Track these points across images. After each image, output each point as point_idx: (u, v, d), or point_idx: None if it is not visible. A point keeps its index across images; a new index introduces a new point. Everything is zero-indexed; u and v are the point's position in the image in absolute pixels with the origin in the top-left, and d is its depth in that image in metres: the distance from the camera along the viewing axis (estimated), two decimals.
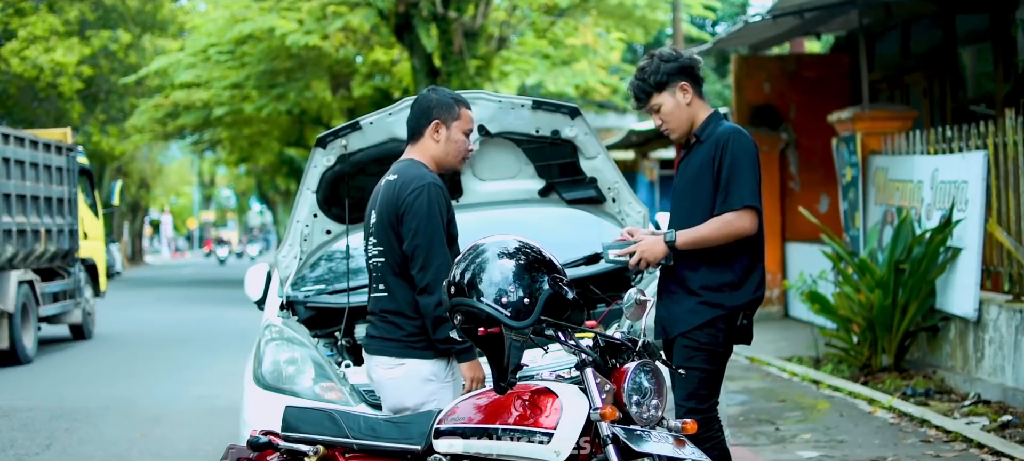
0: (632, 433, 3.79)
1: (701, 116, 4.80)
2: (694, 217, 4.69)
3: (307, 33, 21.75)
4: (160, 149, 49.85)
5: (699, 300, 4.63)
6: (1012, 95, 11.43)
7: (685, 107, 4.77)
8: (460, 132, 4.70)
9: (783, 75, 15.41)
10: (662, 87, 4.76)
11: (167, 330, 18.21)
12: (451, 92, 4.79)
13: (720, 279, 4.64)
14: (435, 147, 4.68)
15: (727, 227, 4.61)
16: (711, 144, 4.71)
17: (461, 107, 4.71)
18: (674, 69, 4.75)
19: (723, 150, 4.66)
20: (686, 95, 4.77)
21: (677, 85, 4.75)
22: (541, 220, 6.36)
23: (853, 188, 11.59)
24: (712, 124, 4.78)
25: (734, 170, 4.64)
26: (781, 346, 12.51)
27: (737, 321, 4.67)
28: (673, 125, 4.80)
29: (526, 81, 24.78)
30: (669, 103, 4.77)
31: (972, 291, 9.11)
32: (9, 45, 28.58)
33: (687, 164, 4.81)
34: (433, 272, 4.44)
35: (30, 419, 9.80)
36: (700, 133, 4.78)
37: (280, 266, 6.24)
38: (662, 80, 4.75)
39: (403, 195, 4.53)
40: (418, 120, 4.70)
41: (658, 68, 4.75)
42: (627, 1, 22.39)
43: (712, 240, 4.62)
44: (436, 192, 4.54)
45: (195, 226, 78.87)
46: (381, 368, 4.62)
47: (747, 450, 7.59)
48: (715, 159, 4.67)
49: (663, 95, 4.77)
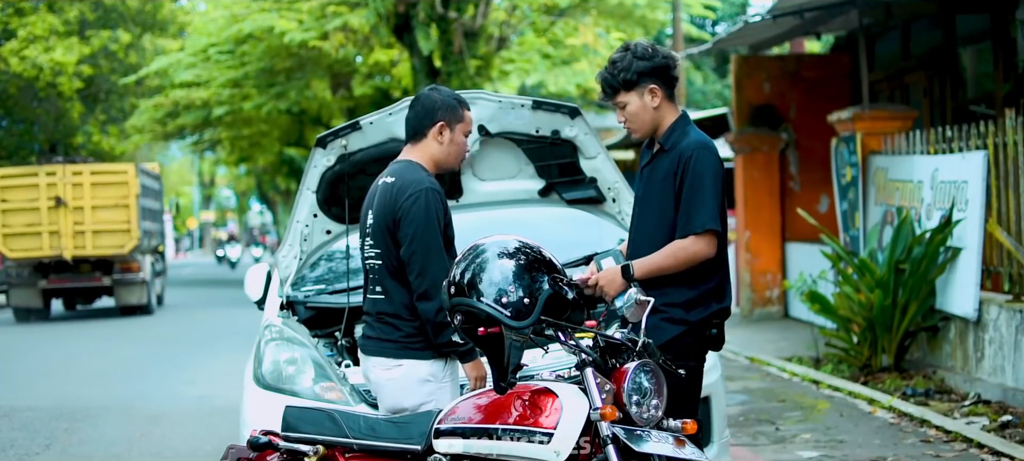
0: (632, 433, 3.79)
1: (668, 119, 4.58)
2: (661, 231, 4.53)
3: (306, 31, 21.75)
4: (160, 149, 49.82)
5: (663, 317, 4.41)
6: (1012, 95, 11.42)
7: (652, 110, 4.54)
8: (462, 134, 4.70)
9: (783, 75, 15.40)
10: (631, 86, 4.53)
11: (167, 330, 18.21)
12: (453, 93, 4.78)
13: (684, 295, 4.47)
14: (438, 149, 4.67)
15: (683, 253, 4.44)
16: (674, 157, 4.50)
17: (464, 109, 4.71)
18: (646, 69, 4.50)
19: (686, 167, 4.45)
20: (655, 98, 4.52)
21: (647, 87, 4.51)
22: (541, 220, 6.35)
23: (853, 188, 11.59)
24: (677, 132, 4.56)
25: (695, 190, 4.44)
26: (781, 346, 12.51)
27: (706, 332, 4.53)
28: (635, 126, 4.60)
29: (526, 81, 24.76)
30: (635, 104, 4.55)
31: (972, 291, 9.10)
32: (9, 45, 28.59)
33: (652, 171, 4.62)
34: (431, 278, 4.44)
35: (30, 419, 9.80)
36: (664, 141, 4.57)
37: (280, 266, 6.24)
38: (631, 79, 4.51)
39: (400, 200, 4.52)
40: (421, 120, 4.68)
41: (630, 66, 4.51)
42: (627, 1, 22.38)
43: (669, 269, 4.44)
44: (434, 197, 4.53)
45: (195, 226, 78.83)
46: (378, 369, 4.62)
47: (747, 450, 7.59)
48: (677, 175, 4.47)
49: (630, 94, 4.54)
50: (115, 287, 20.78)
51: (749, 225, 15.26)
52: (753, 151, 15.27)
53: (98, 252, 20.11)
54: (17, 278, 20.65)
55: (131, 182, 20.44)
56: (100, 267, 20.50)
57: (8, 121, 32.68)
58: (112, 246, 20.14)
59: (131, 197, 20.33)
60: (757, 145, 15.27)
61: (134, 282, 20.73)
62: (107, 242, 20.08)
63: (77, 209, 19.86)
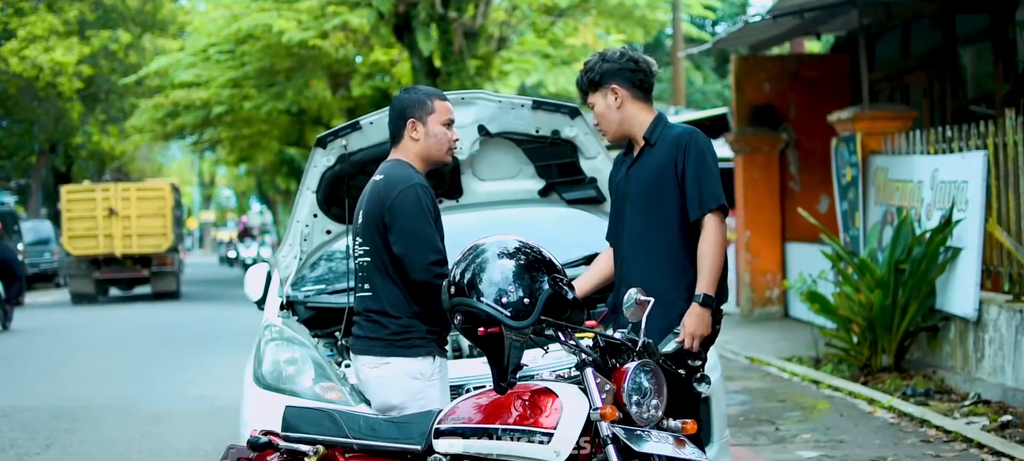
0: (632, 433, 3.79)
1: (641, 119, 4.64)
2: (655, 225, 4.56)
3: (305, 31, 21.74)
4: (160, 149, 49.81)
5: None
6: (1012, 95, 11.42)
7: (615, 110, 4.63)
8: (438, 124, 4.68)
9: (783, 75, 15.40)
10: (596, 86, 4.66)
11: (167, 330, 18.22)
12: (426, 88, 4.80)
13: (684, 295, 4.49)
14: (415, 145, 4.69)
15: (717, 239, 4.47)
16: (668, 146, 4.56)
17: (434, 100, 4.70)
18: (609, 70, 4.62)
19: (686, 150, 4.51)
20: (617, 99, 4.62)
21: (609, 87, 4.63)
22: (541, 220, 6.35)
23: (853, 188, 11.59)
24: (662, 126, 4.63)
25: (702, 169, 4.50)
26: (781, 346, 12.51)
27: None
28: (604, 127, 4.71)
29: (526, 81, 24.76)
30: (600, 105, 4.66)
31: (972, 291, 9.10)
32: (8, 44, 28.59)
33: (640, 169, 4.64)
34: (426, 270, 4.45)
35: (30, 419, 9.79)
36: (650, 135, 4.63)
37: (280, 266, 6.24)
38: (595, 79, 4.65)
39: (390, 195, 4.54)
40: (395, 123, 4.73)
41: (594, 67, 4.66)
42: (627, 1, 22.37)
43: (719, 264, 4.47)
44: (422, 192, 4.55)
45: (195, 226, 78.84)
46: (366, 367, 4.63)
47: (747, 450, 7.59)
48: (677, 160, 4.52)
49: (596, 95, 4.66)
50: (152, 277, 26.02)
51: (749, 225, 15.26)
52: (753, 151, 15.27)
53: (141, 250, 25.47)
54: (75, 270, 25.93)
55: (167, 197, 25.99)
56: (141, 262, 25.77)
57: (8, 121, 32.70)
58: (152, 245, 25.53)
59: (167, 208, 25.82)
60: (757, 145, 15.27)
61: (168, 273, 26.17)
62: (148, 243, 25.47)
63: (125, 217, 25.28)
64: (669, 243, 4.56)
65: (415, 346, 4.55)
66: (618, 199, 4.77)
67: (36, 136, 32.82)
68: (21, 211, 34.96)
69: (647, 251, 4.58)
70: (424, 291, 4.49)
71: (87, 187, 27.20)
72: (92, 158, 39.46)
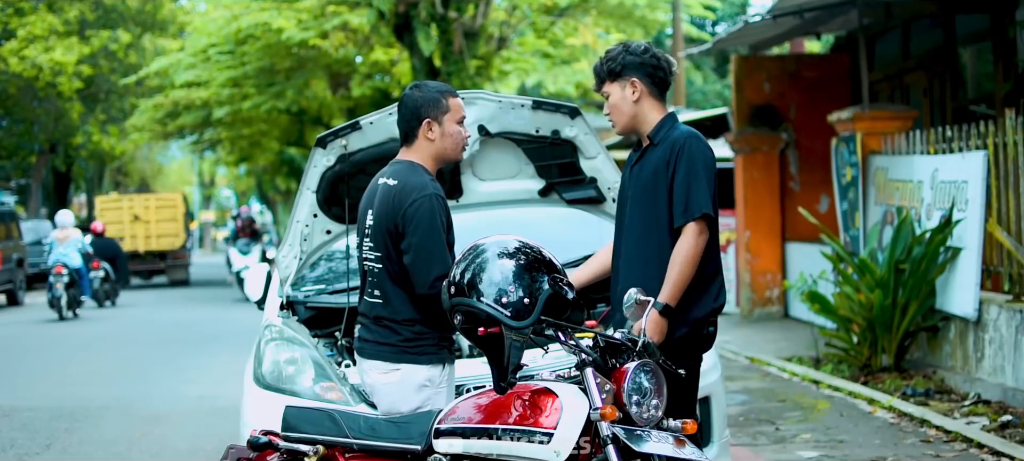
0: (632, 433, 3.79)
1: (652, 118, 4.66)
2: (650, 226, 4.56)
3: (305, 30, 21.74)
4: (160, 149, 49.78)
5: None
6: (1012, 95, 11.42)
7: (631, 104, 4.65)
8: (453, 123, 4.65)
9: (783, 75, 15.41)
10: (615, 76, 4.66)
11: (167, 330, 18.22)
12: (436, 85, 4.74)
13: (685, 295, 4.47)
14: (431, 146, 4.65)
15: (691, 252, 4.44)
16: (666, 147, 4.57)
17: (448, 98, 4.66)
18: (632, 62, 4.63)
19: (679, 154, 4.52)
20: (635, 92, 4.64)
21: (628, 79, 4.65)
22: (541, 220, 6.34)
23: (853, 188, 11.59)
24: (667, 126, 4.64)
25: (691, 176, 4.49)
26: (781, 346, 12.51)
27: (703, 330, 4.55)
28: (615, 118, 4.71)
29: (526, 81, 24.76)
30: (616, 95, 4.67)
31: (972, 291, 9.11)
32: (8, 44, 28.58)
33: (641, 168, 4.67)
34: (433, 283, 4.43)
35: (30, 419, 9.79)
36: (654, 135, 4.64)
37: (280, 266, 6.23)
38: (616, 70, 4.66)
39: (404, 204, 4.50)
40: (409, 122, 4.67)
41: (617, 57, 4.66)
42: (627, 1, 22.36)
43: (688, 277, 4.45)
44: (438, 203, 4.51)
45: (195, 226, 78.77)
46: (375, 372, 4.61)
47: (747, 450, 7.59)
48: (670, 163, 4.53)
49: (614, 85, 4.67)
50: (168, 269, 31.96)
51: (749, 225, 15.26)
52: (753, 151, 15.27)
53: (159, 247, 31.57)
54: None
55: (179, 205, 32.44)
56: (159, 257, 31.82)
57: (8, 121, 32.69)
58: (168, 244, 31.74)
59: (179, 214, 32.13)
60: (757, 145, 15.27)
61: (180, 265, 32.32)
62: (165, 241, 31.66)
63: (146, 221, 31.36)
64: (661, 245, 4.56)
65: (427, 353, 4.54)
66: (622, 197, 4.80)
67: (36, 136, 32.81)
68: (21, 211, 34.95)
69: (641, 251, 4.60)
70: (428, 302, 4.48)
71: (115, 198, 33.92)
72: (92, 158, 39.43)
